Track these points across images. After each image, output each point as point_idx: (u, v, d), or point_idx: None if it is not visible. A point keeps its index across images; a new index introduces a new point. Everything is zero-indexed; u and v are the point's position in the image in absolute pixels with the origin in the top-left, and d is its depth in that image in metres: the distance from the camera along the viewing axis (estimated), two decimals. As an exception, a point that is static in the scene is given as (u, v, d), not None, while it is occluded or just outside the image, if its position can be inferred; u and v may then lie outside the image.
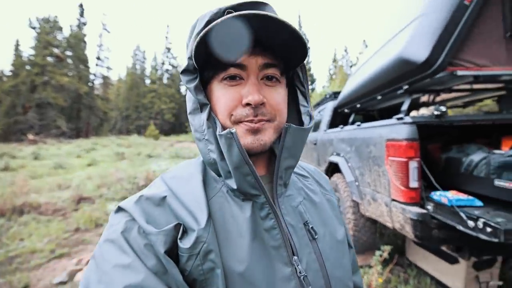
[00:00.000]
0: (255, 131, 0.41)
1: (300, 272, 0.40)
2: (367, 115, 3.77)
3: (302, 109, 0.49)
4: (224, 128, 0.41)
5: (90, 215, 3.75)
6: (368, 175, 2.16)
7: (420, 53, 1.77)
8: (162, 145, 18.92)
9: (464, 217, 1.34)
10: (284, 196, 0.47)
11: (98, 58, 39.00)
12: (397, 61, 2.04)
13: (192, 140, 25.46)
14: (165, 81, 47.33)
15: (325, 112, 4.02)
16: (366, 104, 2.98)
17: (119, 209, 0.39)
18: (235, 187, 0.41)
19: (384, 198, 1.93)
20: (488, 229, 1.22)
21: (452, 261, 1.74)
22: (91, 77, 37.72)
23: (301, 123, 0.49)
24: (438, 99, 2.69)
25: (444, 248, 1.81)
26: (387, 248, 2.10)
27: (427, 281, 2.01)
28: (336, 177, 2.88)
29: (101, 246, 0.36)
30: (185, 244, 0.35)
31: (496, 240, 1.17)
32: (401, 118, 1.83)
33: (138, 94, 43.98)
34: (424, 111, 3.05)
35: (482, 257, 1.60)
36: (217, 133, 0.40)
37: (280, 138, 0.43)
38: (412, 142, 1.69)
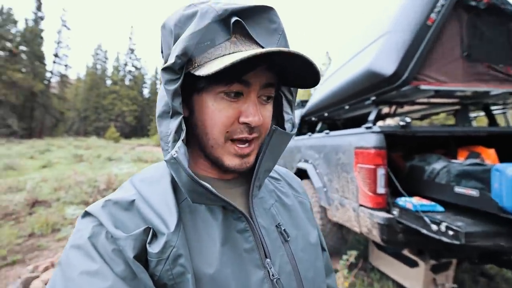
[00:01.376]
0: (244, 156, 0.41)
1: (273, 275, 0.40)
2: (332, 124, 3.95)
3: (285, 116, 0.48)
4: (210, 143, 0.40)
5: (46, 219, 3.51)
6: (337, 181, 2.21)
7: (388, 67, 1.89)
8: (123, 148, 18.28)
9: (428, 222, 1.42)
10: (256, 198, 0.46)
11: (56, 56, 35.74)
12: (366, 73, 2.16)
13: (154, 144, 24.59)
14: (127, 82, 45.99)
15: (293, 119, 4.11)
16: (334, 113, 3.10)
17: (86, 214, 0.38)
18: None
19: (352, 204, 1.97)
20: (450, 232, 1.30)
21: (412, 264, 1.85)
22: (48, 74, 34.35)
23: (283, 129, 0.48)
24: (399, 110, 2.94)
25: (405, 252, 1.92)
26: (353, 253, 2.15)
27: (389, 285, 2.10)
28: (304, 183, 2.90)
29: (67, 252, 0.35)
30: (154, 248, 0.35)
31: (457, 242, 1.25)
32: (369, 127, 1.91)
33: (98, 95, 42.04)
34: (390, 122, 3.31)
35: (440, 260, 1.72)
36: (164, 158, 0.38)
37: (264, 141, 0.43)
38: (380, 150, 1.77)
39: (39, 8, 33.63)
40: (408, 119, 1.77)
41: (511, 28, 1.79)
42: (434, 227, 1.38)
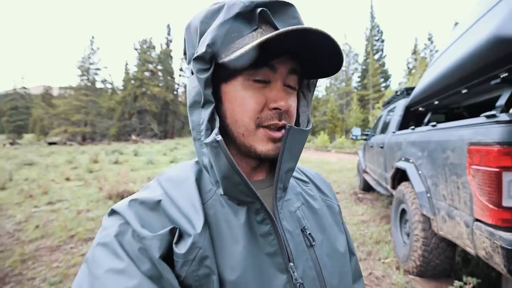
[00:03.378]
0: (276, 140, 0.41)
1: (296, 280, 0.39)
2: (451, 114, 3.08)
3: (301, 112, 0.48)
4: (241, 131, 0.40)
5: None
6: (444, 186, 1.77)
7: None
8: None
9: None
10: (283, 201, 0.45)
11: (181, 70, 44.77)
12: (491, 42, 1.59)
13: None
14: None
15: (395, 112, 3.51)
16: (447, 101, 2.44)
17: (113, 212, 0.38)
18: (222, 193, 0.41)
19: (463, 216, 1.54)
20: None
21: None
22: (176, 86, 44.06)
23: (298, 125, 0.48)
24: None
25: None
26: (471, 280, 1.67)
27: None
28: (403, 186, 2.47)
29: (93, 250, 0.35)
30: (180, 249, 0.35)
31: None
32: (493, 116, 1.43)
33: None
34: None
35: None
36: (204, 140, 0.39)
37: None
38: (509, 147, 1.30)
39: (169, 33, 43.76)
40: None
41: None
42: None
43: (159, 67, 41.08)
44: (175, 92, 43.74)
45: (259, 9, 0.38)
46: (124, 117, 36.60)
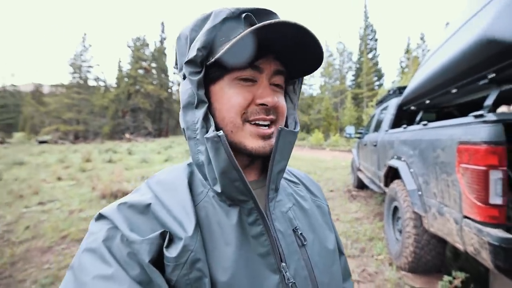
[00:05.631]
0: (266, 137, 0.41)
1: (288, 279, 0.39)
2: (442, 113, 3.14)
3: (289, 114, 0.49)
4: (227, 128, 0.41)
5: None
6: (434, 184, 1.81)
7: None
8: None
9: None
10: (274, 201, 0.46)
11: (176, 67, 44.95)
12: (479, 43, 1.62)
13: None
14: None
15: (388, 110, 3.56)
16: (438, 100, 2.48)
17: (100, 216, 0.38)
18: (219, 191, 0.41)
19: (453, 214, 1.58)
20: None
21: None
22: (170, 84, 43.32)
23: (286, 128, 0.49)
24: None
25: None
26: (459, 275, 1.72)
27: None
28: (395, 184, 2.51)
29: (79, 256, 0.34)
30: (171, 253, 0.34)
31: None
32: (480, 115, 1.46)
33: None
34: None
35: None
36: (205, 135, 0.39)
37: None
38: (495, 146, 1.33)
39: (163, 30, 43.41)
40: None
41: None
42: None
43: (153, 64, 40.64)
44: (169, 90, 43.22)
45: (244, 14, 0.40)
46: (118, 115, 36.12)
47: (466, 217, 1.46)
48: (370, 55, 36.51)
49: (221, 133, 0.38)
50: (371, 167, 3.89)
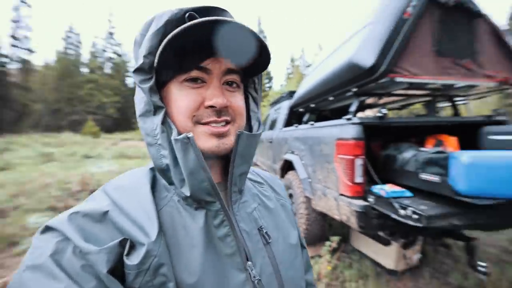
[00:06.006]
0: (220, 135, 0.41)
1: (254, 277, 0.41)
2: (321, 115, 4.01)
3: (252, 114, 0.50)
4: (180, 131, 0.40)
5: (1, 231, 3.01)
6: (320, 172, 2.29)
7: (367, 59, 1.93)
8: (104, 144, 16.18)
9: (397, 207, 1.52)
10: (239, 203, 0.47)
11: (14, 37, 28.72)
12: (348, 65, 2.19)
13: (140, 138, 23.09)
14: (107, 70, 38.65)
15: (281, 111, 4.14)
16: (320, 104, 3.15)
17: (47, 229, 0.35)
18: (188, 194, 0.40)
19: (333, 193, 2.06)
20: (415, 216, 1.40)
21: (386, 243, 1.98)
22: (3, 59, 27.40)
23: (250, 129, 0.50)
24: (381, 101, 3.01)
25: (380, 233, 2.04)
26: (335, 239, 2.27)
27: (367, 264, 2.24)
28: (290, 174, 2.98)
29: (21, 275, 0.30)
30: (132, 260, 0.33)
31: (420, 225, 1.36)
32: (349, 119, 1.97)
33: (72, 84, 33.87)
34: (368, 113, 3.38)
35: (409, 238, 1.87)
36: (172, 137, 0.38)
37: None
38: (358, 141, 1.84)
39: None
40: (384, 111, 1.84)
41: (473, 25, 1.84)
42: (402, 212, 1.48)
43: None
44: (0, 68, 26.75)
45: (187, 14, 0.39)
46: None
47: (341, 194, 1.95)
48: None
49: (190, 134, 0.37)
50: (267, 161, 4.41)
